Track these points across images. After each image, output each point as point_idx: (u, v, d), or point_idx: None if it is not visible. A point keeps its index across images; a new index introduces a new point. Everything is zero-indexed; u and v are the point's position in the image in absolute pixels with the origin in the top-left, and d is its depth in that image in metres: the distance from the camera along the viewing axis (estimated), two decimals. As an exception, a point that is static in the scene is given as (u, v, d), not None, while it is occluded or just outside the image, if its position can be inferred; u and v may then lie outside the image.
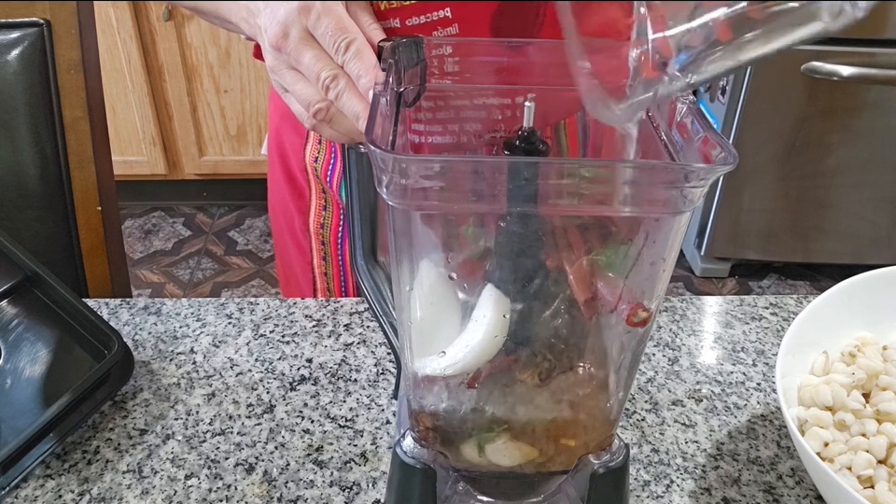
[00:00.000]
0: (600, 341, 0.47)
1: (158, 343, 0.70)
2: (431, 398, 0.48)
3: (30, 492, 0.56)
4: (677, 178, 0.36)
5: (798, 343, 0.56)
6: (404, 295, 0.44)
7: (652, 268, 0.42)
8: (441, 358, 0.45)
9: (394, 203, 0.38)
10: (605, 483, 0.49)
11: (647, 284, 0.43)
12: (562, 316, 0.45)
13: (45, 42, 0.83)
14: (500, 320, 0.43)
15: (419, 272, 0.43)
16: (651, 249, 0.42)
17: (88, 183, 0.87)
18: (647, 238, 0.42)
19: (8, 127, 0.84)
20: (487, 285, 0.44)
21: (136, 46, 2.14)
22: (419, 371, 0.46)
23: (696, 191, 0.36)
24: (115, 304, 0.75)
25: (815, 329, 0.57)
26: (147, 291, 2.20)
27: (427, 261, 0.44)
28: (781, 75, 1.79)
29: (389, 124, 0.43)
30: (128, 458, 0.59)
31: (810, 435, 0.52)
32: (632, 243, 0.43)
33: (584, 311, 0.45)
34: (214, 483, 0.57)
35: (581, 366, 0.47)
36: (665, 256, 0.41)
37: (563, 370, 0.46)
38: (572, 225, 0.44)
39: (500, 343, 0.44)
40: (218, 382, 0.66)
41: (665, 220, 0.40)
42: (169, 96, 2.23)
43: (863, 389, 0.55)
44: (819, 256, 2.11)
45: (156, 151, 2.32)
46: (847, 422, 0.53)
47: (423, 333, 0.45)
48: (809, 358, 0.58)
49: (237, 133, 2.30)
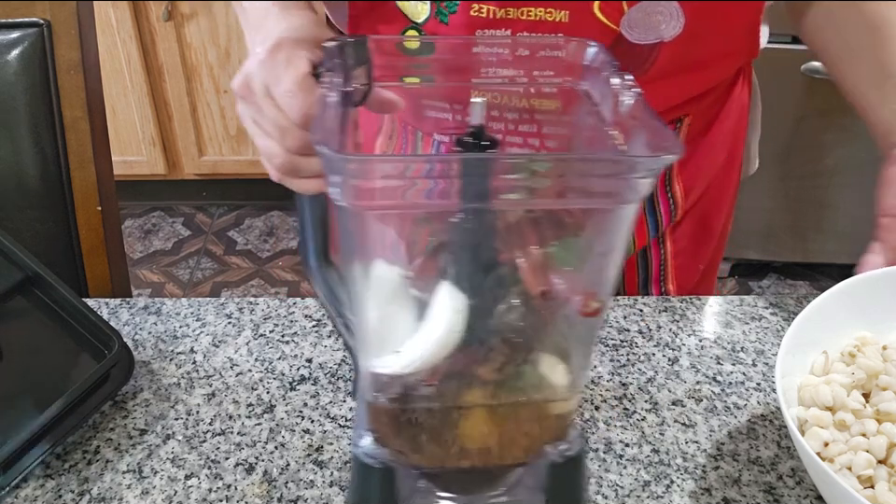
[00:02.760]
0: (555, 333, 0.48)
1: (158, 342, 0.70)
2: (388, 396, 0.48)
3: (30, 492, 0.56)
4: (623, 170, 0.37)
5: (798, 343, 0.56)
6: (357, 295, 0.44)
7: (602, 259, 0.43)
8: (398, 357, 0.45)
9: (343, 203, 0.39)
10: (562, 472, 0.50)
11: (597, 275, 0.44)
12: (517, 310, 0.46)
13: (45, 42, 0.83)
14: (456, 317, 0.44)
15: (371, 271, 0.44)
16: (600, 240, 0.43)
17: (88, 183, 0.87)
18: (596, 229, 0.43)
19: (8, 127, 0.84)
20: (442, 282, 0.44)
21: (136, 46, 2.14)
22: (376, 370, 0.46)
23: (643, 182, 0.37)
24: (115, 304, 0.75)
25: (815, 328, 0.57)
26: (147, 291, 2.20)
27: (380, 261, 0.44)
28: (780, 74, 1.79)
29: (337, 124, 0.43)
30: (128, 458, 0.59)
31: (810, 435, 0.52)
32: (581, 235, 0.43)
33: (538, 303, 0.46)
34: (214, 484, 0.57)
35: (537, 358, 0.48)
36: (614, 246, 0.42)
37: (519, 362, 0.47)
38: (525, 219, 0.45)
39: (457, 339, 0.44)
40: (218, 382, 0.66)
41: (613, 211, 0.40)
42: (169, 96, 2.23)
43: (863, 389, 0.55)
44: (818, 256, 2.11)
45: (156, 151, 2.32)
46: (847, 422, 0.53)
47: (378, 332, 0.45)
48: (809, 358, 0.58)
49: (237, 133, 2.29)
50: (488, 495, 0.52)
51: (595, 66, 0.50)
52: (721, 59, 0.70)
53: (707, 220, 0.83)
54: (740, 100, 0.79)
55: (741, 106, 0.79)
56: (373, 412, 0.49)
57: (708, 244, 0.85)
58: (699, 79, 0.70)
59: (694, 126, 0.75)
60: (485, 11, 0.62)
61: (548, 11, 0.62)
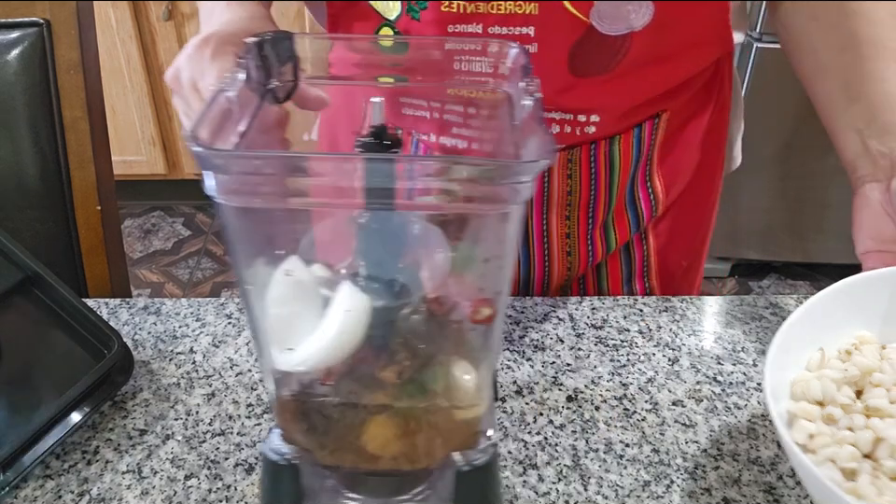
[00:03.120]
0: (453, 339, 0.47)
1: (157, 342, 0.70)
2: (289, 393, 0.48)
3: (30, 492, 0.56)
4: (502, 174, 0.37)
5: (794, 340, 0.55)
6: (244, 292, 0.44)
7: (488, 265, 0.43)
8: (291, 355, 0.45)
9: (221, 199, 0.39)
10: (470, 481, 0.49)
11: (485, 280, 0.44)
12: (417, 314, 0.46)
13: (45, 42, 0.83)
14: (348, 317, 0.44)
15: (256, 269, 0.44)
16: (485, 245, 0.43)
17: (87, 183, 0.87)
18: (479, 234, 0.43)
19: (8, 127, 0.84)
20: (344, 282, 0.44)
21: (136, 46, 2.14)
22: (274, 367, 0.47)
23: (524, 187, 0.37)
24: (114, 304, 0.75)
25: (812, 327, 0.57)
26: (147, 291, 2.20)
27: (263, 259, 0.44)
28: (781, 74, 1.79)
29: (234, 121, 0.43)
30: (128, 459, 0.59)
31: (797, 428, 0.52)
32: (466, 239, 0.43)
33: (436, 309, 0.46)
34: (214, 484, 0.57)
35: (439, 364, 0.47)
36: (501, 252, 0.42)
37: (420, 367, 0.47)
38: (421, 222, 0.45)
39: (352, 340, 0.44)
40: (218, 382, 0.66)
41: (498, 216, 0.40)
42: (168, 96, 2.23)
43: (856, 386, 0.55)
44: (818, 255, 2.11)
45: (155, 151, 2.32)
46: (836, 416, 0.52)
47: (266, 330, 0.46)
48: (806, 355, 0.58)
49: (237, 133, 2.29)
50: (396, 499, 0.52)
51: (517, 69, 0.50)
52: (692, 49, 0.70)
53: (689, 216, 0.83)
54: (720, 96, 0.79)
55: (722, 103, 0.79)
56: (278, 408, 0.49)
57: (692, 239, 0.85)
58: (672, 71, 0.71)
59: (673, 122, 0.75)
60: (456, 7, 0.63)
61: (518, 4, 0.62)
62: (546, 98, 0.68)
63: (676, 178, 0.80)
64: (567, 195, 0.76)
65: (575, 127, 0.71)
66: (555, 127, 0.71)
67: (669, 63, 0.69)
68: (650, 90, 0.71)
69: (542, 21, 0.63)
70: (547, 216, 0.78)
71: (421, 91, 0.69)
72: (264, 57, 0.49)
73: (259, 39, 0.49)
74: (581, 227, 0.79)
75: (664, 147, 0.77)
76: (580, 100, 0.69)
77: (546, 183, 0.75)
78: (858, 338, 0.59)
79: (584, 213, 0.78)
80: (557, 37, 0.64)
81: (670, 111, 0.74)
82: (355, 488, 0.52)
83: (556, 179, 0.75)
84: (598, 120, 0.71)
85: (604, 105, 0.70)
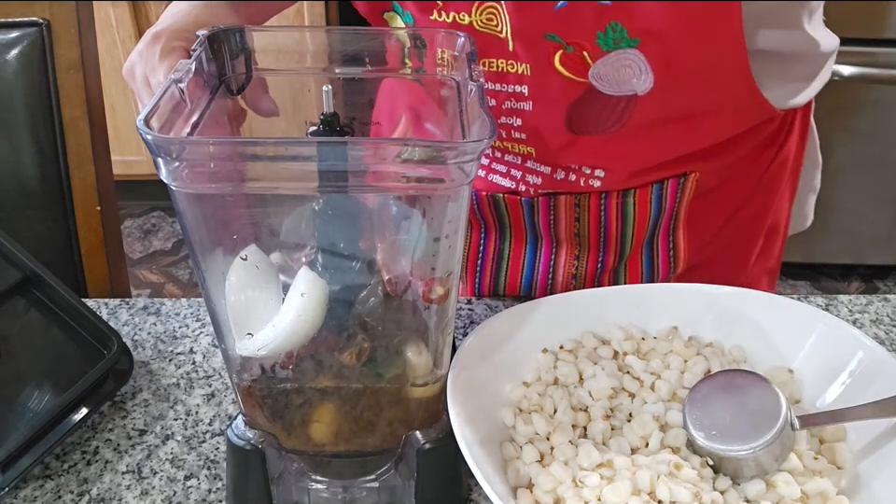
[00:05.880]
0: (410, 319, 0.49)
1: (157, 343, 0.70)
2: (251, 378, 0.49)
3: (29, 492, 0.56)
4: (446, 155, 0.38)
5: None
6: (201, 279, 0.45)
7: (437, 244, 0.44)
8: (251, 340, 0.46)
9: (174, 186, 0.39)
10: (431, 458, 0.50)
11: (435, 260, 0.45)
12: (372, 296, 0.47)
13: (44, 42, 0.83)
14: (304, 301, 0.44)
15: (213, 256, 0.44)
16: (433, 225, 0.44)
17: (87, 183, 0.87)
18: (426, 214, 0.44)
19: (8, 127, 0.84)
20: (302, 268, 0.45)
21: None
22: (234, 352, 0.47)
23: (468, 166, 0.39)
24: (114, 304, 0.75)
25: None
26: (147, 291, 2.20)
27: (220, 246, 0.45)
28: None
29: (187, 111, 0.44)
30: (127, 459, 0.59)
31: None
32: (417, 219, 0.45)
33: (391, 289, 0.47)
34: (213, 484, 0.57)
35: (395, 344, 0.48)
36: (449, 231, 0.43)
37: (378, 348, 0.48)
38: (376, 205, 0.46)
39: (310, 323, 0.45)
40: (218, 382, 0.66)
41: (445, 195, 0.42)
42: (169, 96, 2.24)
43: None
44: (819, 256, 2.11)
45: (155, 151, 2.32)
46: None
47: (224, 316, 0.46)
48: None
49: (237, 133, 2.30)
50: (360, 480, 0.53)
51: (463, 57, 0.51)
52: (711, 115, 0.64)
53: (716, 275, 0.69)
54: (780, 155, 0.73)
55: (781, 162, 0.74)
56: (241, 393, 0.49)
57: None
58: (691, 135, 0.66)
59: (706, 182, 0.70)
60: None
61: (510, 63, 0.61)
62: (541, 154, 0.67)
63: (705, 239, 0.74)
64: (574, 236, 0.72)
65: (580, 177, 0.68)
66: (559, 173, 0.68)
67: (684, 126, 0.64)
68: (665, 151, 0.66)
69: (536, 80, 0.61)
70: (556, 249, 0.74)
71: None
72: (215, 50, 0.50)
73: (211, 32, 0.50)
74: (588, 269, 0.74)
75: (693, 205, 0.71)
76: (580, 156, 0.66)
77: (552, 218, 0.71)
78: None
79: (594, 257, 0.74)
80: (554, 97, 0.62)
81: (700, 172, 0.69)
82: (320, 471, 0.53)
83: (564, 220, 0.71)
84: (603, 175, 0.67)
85: (609, 163, 0.66)
